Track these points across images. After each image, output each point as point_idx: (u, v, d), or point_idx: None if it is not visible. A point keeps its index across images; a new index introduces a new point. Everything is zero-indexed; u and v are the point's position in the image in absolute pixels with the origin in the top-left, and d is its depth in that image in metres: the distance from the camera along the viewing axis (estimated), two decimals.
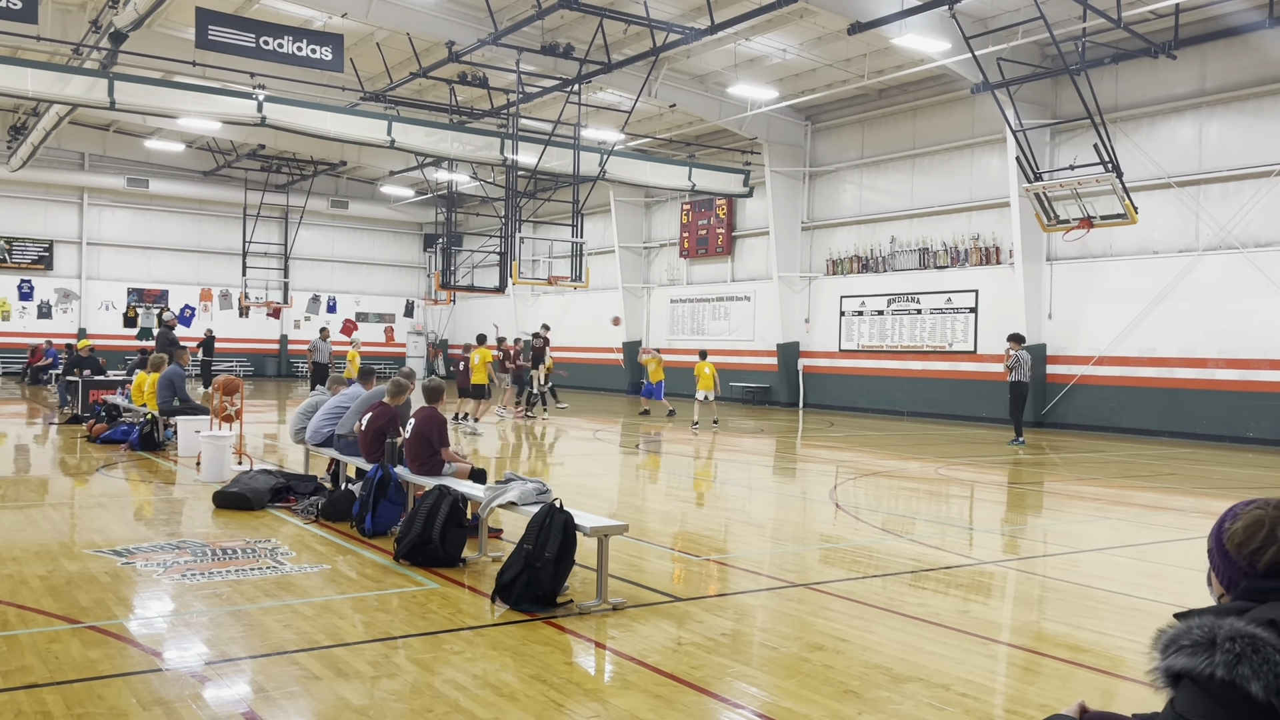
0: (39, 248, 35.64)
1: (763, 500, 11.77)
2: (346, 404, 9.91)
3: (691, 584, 7.04)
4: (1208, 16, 18.48)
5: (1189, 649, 1.93)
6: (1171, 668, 1.96)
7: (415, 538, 7.01)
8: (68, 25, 22.37)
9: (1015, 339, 18.35)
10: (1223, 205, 19.18)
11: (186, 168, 36.75)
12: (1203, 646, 1.91)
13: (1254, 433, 18.57)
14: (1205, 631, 1.93)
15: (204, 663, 4.91)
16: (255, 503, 9.18)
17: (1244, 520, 2.15)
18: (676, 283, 32.40)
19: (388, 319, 43.27)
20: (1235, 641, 1.88)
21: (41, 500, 9.90)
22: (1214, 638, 1.91)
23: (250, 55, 18.84)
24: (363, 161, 33.76)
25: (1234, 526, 2.15)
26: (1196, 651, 1.92)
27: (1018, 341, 18.28)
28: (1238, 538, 2.13)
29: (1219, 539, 2.18)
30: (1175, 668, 1.95)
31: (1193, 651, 1.92)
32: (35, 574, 6.57)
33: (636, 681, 4.78)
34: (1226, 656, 1.87)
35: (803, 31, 21.03)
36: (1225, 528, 2.17)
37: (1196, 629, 1.95)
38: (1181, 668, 1.93)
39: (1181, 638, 1.96)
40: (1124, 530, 9.73)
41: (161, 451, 13.57)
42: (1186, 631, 1.96)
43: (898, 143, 25.19)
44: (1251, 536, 2.11)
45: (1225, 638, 1.90)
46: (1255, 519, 2.13)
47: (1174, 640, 1.98)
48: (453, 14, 20.89)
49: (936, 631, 5.73)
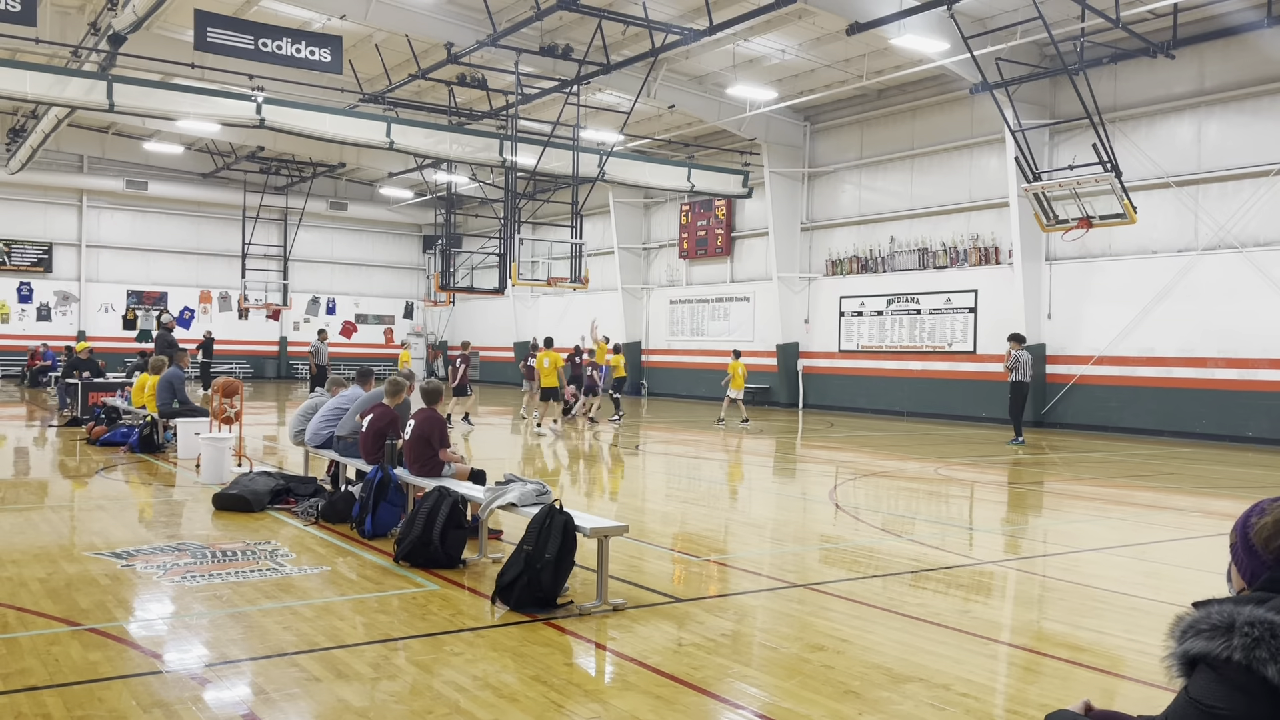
0: (38, 250, 35.64)
1: (763, 500, 11.77)
2: (345, 405, 9.91)
3: (692, 585, 7.04)
4: (1206, 16, 18.50)
5: (1207, 633, 1.95)
6: (1189, 652, 1.98)
7: (415, 539, 7.01)
8: (66, 28, 22.38)
9: (1015, 339, 18.38)
10: (1222, 205, 19.19)
11: (185, 170, 36.76)
12: (1221, 631, 1.93)
13: (1253, 432, 18.57)
14: (1224, 617, 1.95)
15: (204, 665, 4.91)
16: (255, 504, 9.18)
17: (1273, 516, 2.17)
18: (676, 283, 32.41)
19: (387, 321, 43.28)
20: (1254, 626, 1.90)
21: (41, 503, 9.90)
22: (1232, 623, 1.93)
23: (249, 57, 18.84)
24: (362, 163, 33.77)
25: (1262, 521, 2.18)
26: (1214, 635, 1.94)
27: (1018, 341, 18.31)
28: (1266, 532, 2.16)
29: (1244, 533, 2.20)
30: (1192, 652, 1.97)
31: (1210, 635, 1.94)
32: (35, 576, 6.57)
33: (637, 682, 4.77)
34: (1244, 640, 1.89)
35: (801, 32, 21.04)
36: (1252, 523, 2.19)
37: (1215, 614, 1.97)
38: (1199, 652, 1.95)
39: (1199, 623, 1.98)
40: (1124, 530, 9.73)
41: (161, 454, 13.57)
42: (1205, 617, 1.98)
43: (897, 143, 25.20)
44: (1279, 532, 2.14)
45: (1244, 623, 1.92)
46: None
47: (1191, 625, 2.00)
48: (451, 15, 20.90)
49: (937, 631, 5.72)
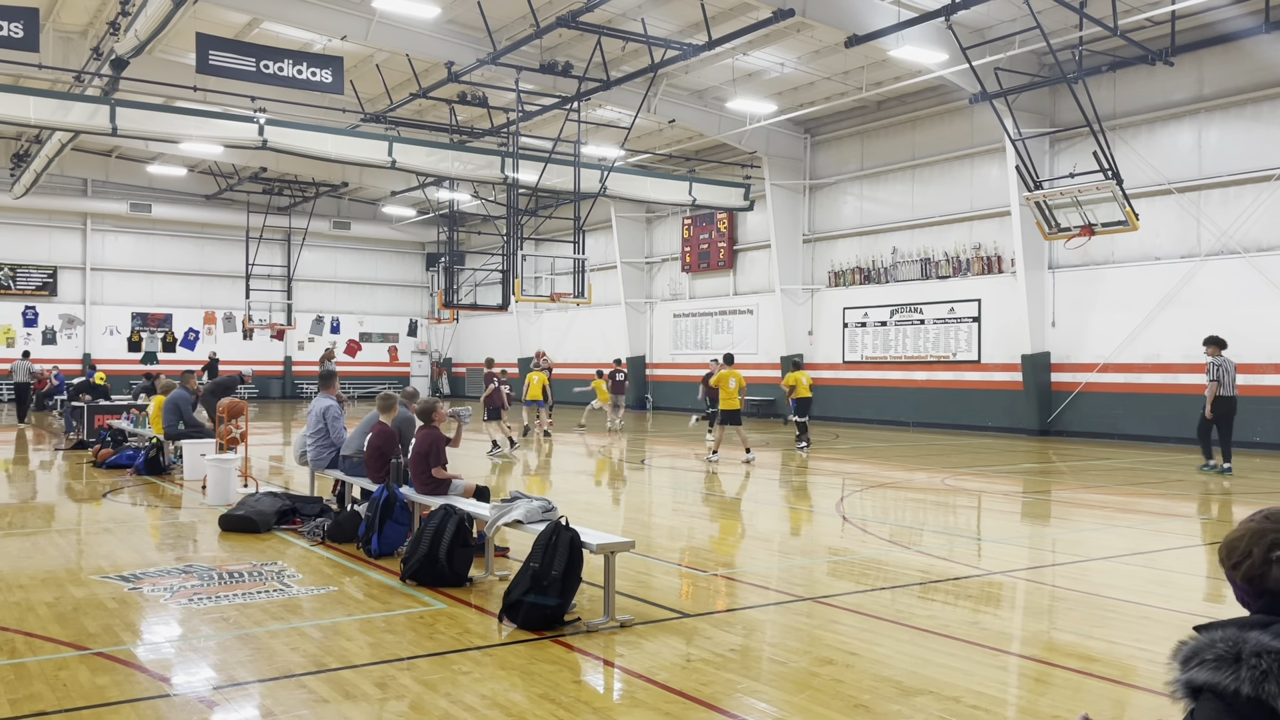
0: (43, 274, 35.75)
1: (769, 513, 11.74)
2: (320, 424, 9.94)
3: (699, 599, 7.02)
4: (1204, 23, 18.53)
5: (1213, 663, 1.90)
6: (1193, 681, 1.93)
7: (422, 558, 7.00)
8: (69, 53, 22.51)
9: (1214, 343, 14.59)
10: (1224, 210, 19.18)
11: (189, 192, 36.89)
12: (1227, 661, 1.89)
13: (1260, 437, 18.51)
14: (1230, 646, 1.91)
15: (212, 687, 4.90)
16: (261, 525, 9.17)
17: (1232, 533, 2.18)
18: (679, 297, 32.43)
19: (391, 339, 43.33)
20: (1261, 658, 1.86)
21: (48, 526, 9.91)
22: (1239, 653, 1.88)
23: (251, 79, 18.94)
24: (364, 182, 33.88)
25: (1225, 539, 2.18)
26: (1221, 666, 1.89)
27: (1218, 346, 14.55)
28: (1223, 551, 2.16)
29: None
30: (1197, 681, 1.92)
31: (1217, 666, 1.90)
32: (42, 601, 6.57)
33: (645, 699, 4.76)
34: (1253, 673, 1.85)
35: (800, 45, 21.11)
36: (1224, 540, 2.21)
37: (1220, 643, 1.92)
38: (1204, 681, 1.90)
39: (1204, 651, 1.93)
40: (1133, 538, 9.69)
41: (167, 475, 13.58)
42: (1210, 645, 1.94)
43: (897, 154, 25.24)
44: (1232, 550, 2.14)
45: (1251, 653, 1.87)
46: (1241, 531, 2.15)
47: (1196, 653, 1.95)
48: (451, 34, 20.99)
49: (946, 643, 5.70)
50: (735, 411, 16.36)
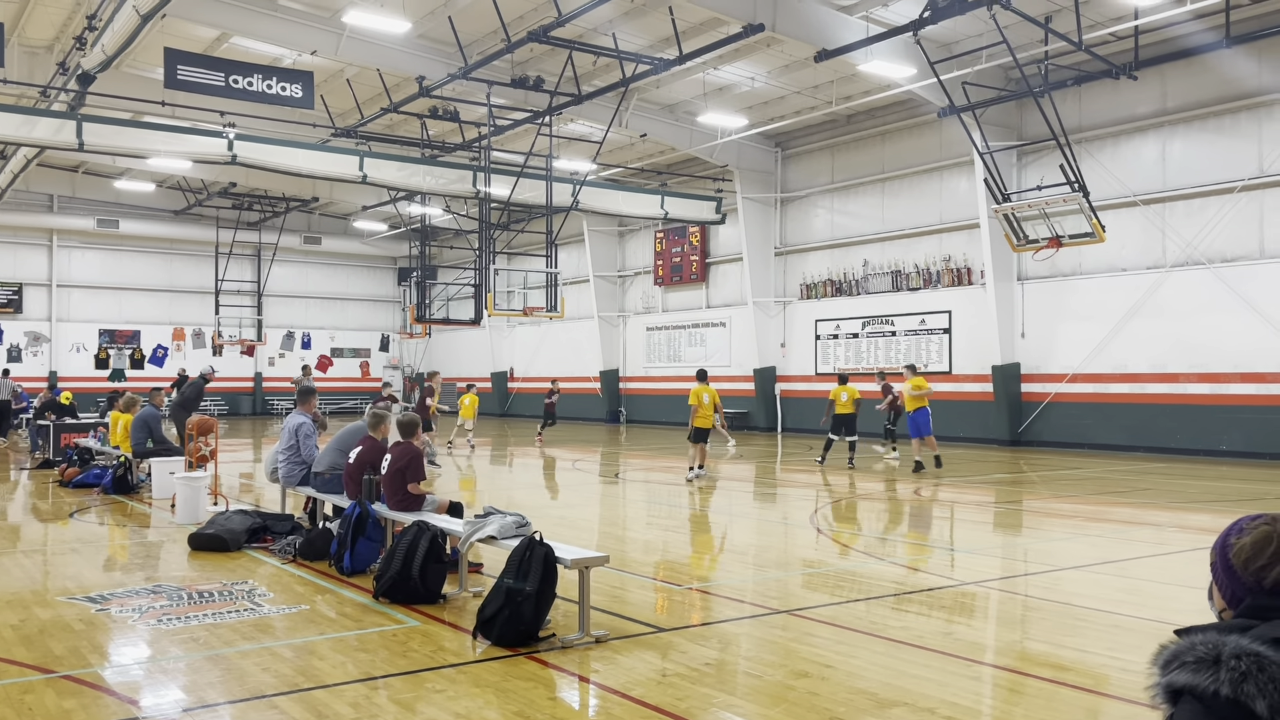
0: (8, 291, 35.29)
1: (744, 526, 11.75)
2: (293, 440, 9.87)
3: (674, 614, 7.01)
4: (1167, 38, 18.84)
5: (1192, 665, 1.90)
6: (1173, 684, 1.93)
7: (395, 575, 6.95)
8: (34, 68, 22.29)
9: None
10: (1188, 222, 19.47)
11: (157, 207, 36.56)
12: (1207, 663, 1.89)
13: (1226, 445, 18.75)
14: (1209, 648, 1.90)
15: (182, 710, 4.83)
16: (231, 544, 9.07)
17: (1251, 536, 2.10)
18: (652, 310, 32.48)
19: (363, 354, 43.09)
20: (1241, 659, 1.86)
21: (13, 547, 9.74)
22: (1219, 655, 1.88)
23: (220, 94, 18.81)
24: (335, 197, 33.72)
25: (1241, 541, 2.10)
26: (1200, 668, 1.89)
27: None
28: (1245, 553, 2.09)
29: (1224, 554, 2.13)
30: (1177, 684, 1.92)
31: (1196, 668, 1.90)
32: (7, 623, 6.45)
33: (621, 715, 4.74)
34: (1232, 674, 1.85)
35: (770, 60, 21.25)
36: (1231, 542, 2.12)
37: (1200, 645, 1.92)
38: (1184, 684, 1.90)
39: (1184, 654, 1.93)
40: (1103, 547, 9.78)
41: (135, 494, 13.40)
42: (1190, 648, 1.93)
43: (867, 167, 25.44)
44: (1259, 553, 2.07)
45: (1230, 655, 1.87)
46: (1264, 535, 2.09)
47: (1176, 656, 1.95)
48: (422, 49, 20.98)
49: (920, 655, 5.72)
50: (706, 431, 15.97)
